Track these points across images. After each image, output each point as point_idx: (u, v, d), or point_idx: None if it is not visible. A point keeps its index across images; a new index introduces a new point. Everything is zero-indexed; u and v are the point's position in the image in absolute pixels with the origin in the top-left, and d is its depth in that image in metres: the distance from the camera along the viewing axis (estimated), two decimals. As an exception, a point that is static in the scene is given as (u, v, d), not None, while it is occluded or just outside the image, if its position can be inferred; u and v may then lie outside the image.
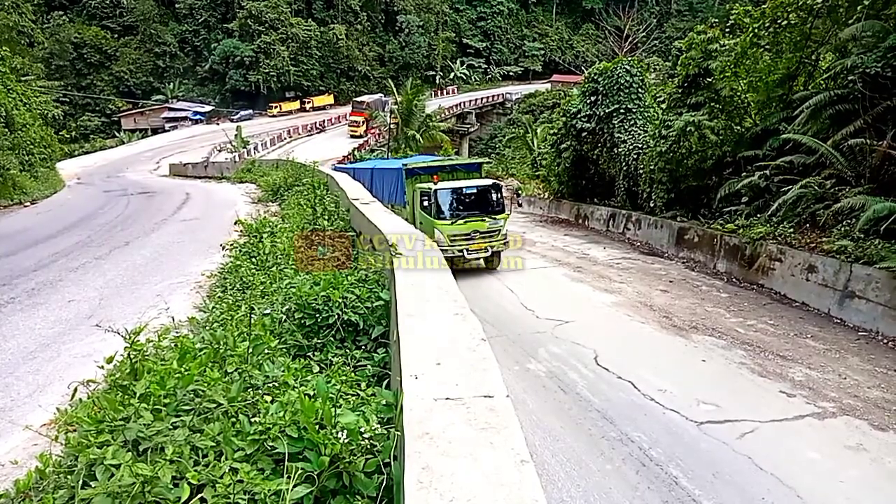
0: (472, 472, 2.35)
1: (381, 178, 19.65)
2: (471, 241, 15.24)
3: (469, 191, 15.81)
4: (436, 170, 16.86)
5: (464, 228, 15.17)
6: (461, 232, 15.12)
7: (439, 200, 15.26)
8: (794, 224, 13.74)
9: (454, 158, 19.10)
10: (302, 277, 7.14)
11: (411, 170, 16.92)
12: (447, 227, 15.07)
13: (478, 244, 15.36)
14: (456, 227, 15.11)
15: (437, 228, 14.99)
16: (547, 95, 66.32)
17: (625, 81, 21.55)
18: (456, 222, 15.14)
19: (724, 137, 16.86)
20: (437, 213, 15.20)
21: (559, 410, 8.46)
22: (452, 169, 17.33)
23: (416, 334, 3.98)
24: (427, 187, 15.60)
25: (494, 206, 15.88)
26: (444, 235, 14.97)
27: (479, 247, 15.37)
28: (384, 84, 75.54)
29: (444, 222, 15.14)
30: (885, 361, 9.74)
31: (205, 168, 49.10)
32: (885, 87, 12.87)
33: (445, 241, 14.82)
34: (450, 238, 15.01)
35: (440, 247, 12.91)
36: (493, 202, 15.92)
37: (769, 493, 6.35)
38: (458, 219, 15.19)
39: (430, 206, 15.22)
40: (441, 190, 15.37)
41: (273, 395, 3.88)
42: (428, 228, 15.00)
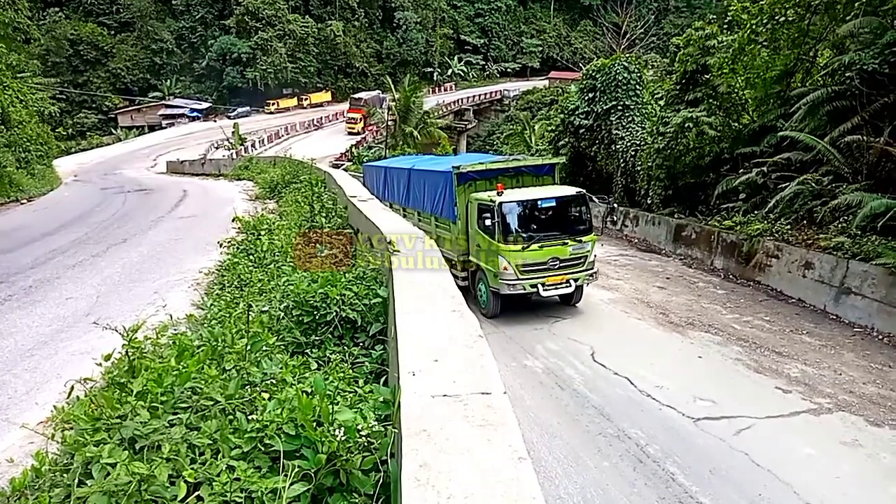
0: (469, 469, 2.35)
1: (423, 183, 14.68)
2: (548, 272, 11.67)
3: (546, 204, 11.97)
4: (496, 174, 12.99)
5: (539, 255, 11.54)
6: (535, 260, 11.54)
7: (506, 217, 11.52)
8: (791, 221, 13.76)
9: (519, 159, 14.19)
10: (300, 275, 7.12)
11: (465, 174, 12.73)
12: (516, 254, 11.39)
13: (557, 276, 11.74)
14: (529, 253, 11.46)
15: (502, 255, 11.43)
16: (545, 92, 66.18)
17: (622, 78, 21.52)
18: (528, 247, 11.47)
19: (721, 134, 16.87)
20: (503, 235, 11.47)
21: (556, 407, 8.48)
22: (517, 172, 13.29)
23: (414, 331, 3.98)
24: (488, 199, 11.78)
25: (579, 223, 12.23)
26: (513, 265, 11.41)
27: (558, 280, 11.73)
28: (382, 81, 75.37)
29: (512, 247, 11.41)
30: (881, 357, 9.77)
31: (202, 165, 48.99)
32: (883, 84, 12.89)
33: (514, 273, 11.43)
34: (520, 269, 11.46)
35: (504, 280, 11.42)
36: (577, 219, 12.29)
37: (766, 489, 6.38)
38: (532, 242, 11.52)
39: (494, 226, 11.47)
40: (508, 203, 11.58)
41: (271, 393, 3.87)
42: (488, 255, 11.83)
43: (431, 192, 14.05)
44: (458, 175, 12.69)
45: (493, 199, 11.61)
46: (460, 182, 12.76)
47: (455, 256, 12.94)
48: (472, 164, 13.00)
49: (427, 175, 14.56)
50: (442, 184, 13.34)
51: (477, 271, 12.50)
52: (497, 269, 11.51)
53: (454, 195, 12.76)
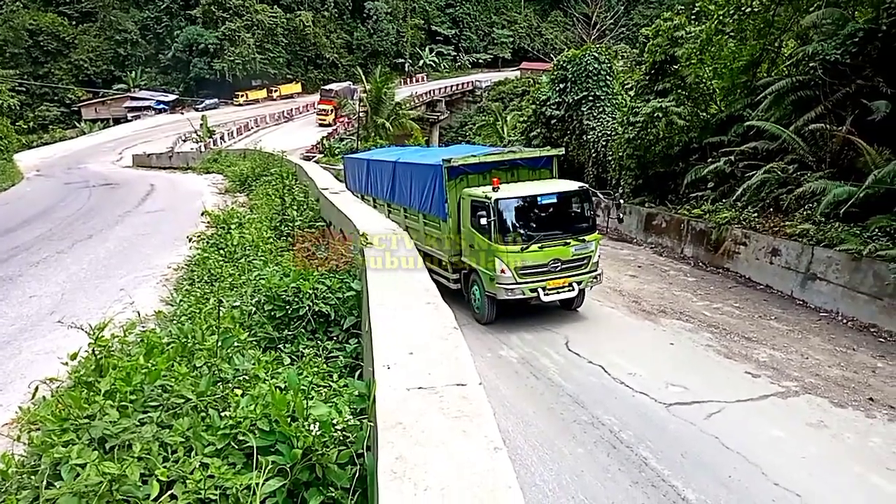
0: (445, 460, 2.35)
1: (409, 177, 13.46)
2: (549, 274, 10.77)
3: (546, 200, 11.05)
4: (490, 167, 11.85)
5: (539, 257, 10.66)
6: (535, 263, 10.65)
7: (503, 215, 10.62)
8: (758, 209, 14.03)
9: (515, 151, 12.93)
10: (271, 269, 7.05)
11: (456, 168, 11.59)
12: (515, 256, 10.54)
13: (559, 280, 10.85)
14: (528, 254, 10.59)
15: (498, 257, 10.54)
16: (516, 83, 66.26)
17: (593, 69, 21.68)
18: (528, 248, 10.59)
19: (690, 124, 17.11)
20: (500, 235, 10.59)
21: (531, 396, 8.55)
22: (513, 165, 12.16)
23: (389, 324, 3.97)
24: (483, 195, 10.85)
25: (582, 221, 11.39)
26: (511, 268, 10.53)
27: (560, 284, 10.85)
28: (352, 72, 74.57)
29: (509, 248, 10.54)
30: (845, 341, 10.05)
31: (169, 158, 48.01)
32: (844, 74, 13.18)
33: (512, 277, 10.55)
34: (518, 271, 10.58)
35: (501, 284, 10.57)
36: (579, 216, 11.45)
37: (735, 470, 6.52)
38: (531, 242, 10.65)
39: (489, 224, 10.57)
40: (505, 200, 10.66)
41: (243, 389, 3.83)
42: (483, 257, 10.98)
43: (419, 186, 12.87)
44: (449, 169, 11.57)
45: (489, 196, 10.63)
46: (451, 176, 11.66)
47: (446, 257, 12.13)
48: (463, 156, 11.85)
49: (414, 168, 13.37)
50: (431, 178, 12.20)
51: (470, 273, 11.61)
52: (493, 272, 10.62)
53: (444, 190, 11.68)
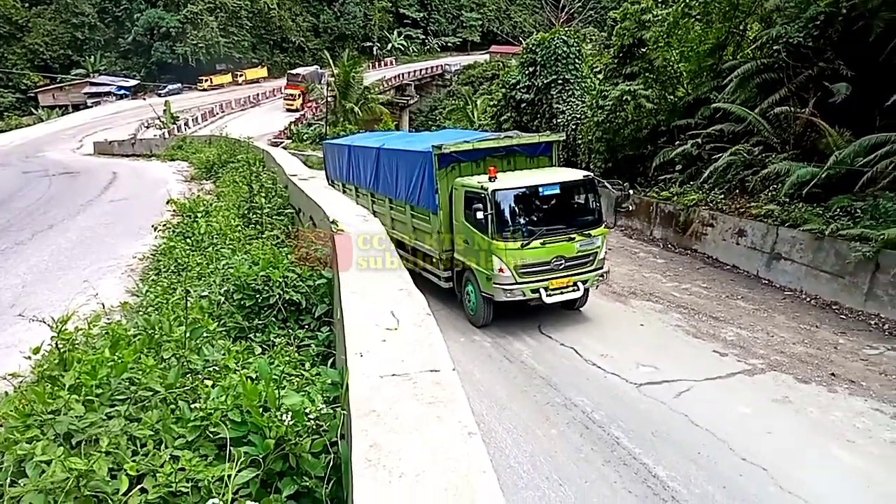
0: (420, 447, 2.34)
1: (395, 164, 12.37)
2: (552, 273, 9.89)
3: (549, 191, 10.08)
4: (484, 154, 10.92)
5: (541, 254, 9.76)
6: (537, 260, 9.75)
7: (501, 208, 9.71)
8: (724, 190, 14.27)
9: (512, 136, 11.72)
10: (240, 257, 6.93)
11: (447, 155, 10.62)
12: (514, 253, 9.61)
13: (562, 279, 9.96)
14: (529, 252, 9.67)
15: (496, 255, 9.63)
16: (486, 67, 66.04)
17: (562, 52, 21.67)
18: (528, 244, 9.66)
19: (658, 107, 17.25)
20: (498, 230, 9.65)
21: (505, 379, 8.61)
22: (509, 152, 11.22)
23: (361, 311, 3.94)
24: (478, 186, 9.87)
25: (587, 214, 10.43)
26: (510, 266, 9.61)
27: (563, 283, 9.96)
28: (320, 56, 73.47)
29: (508, 245, 9.61)
30: (809, 318, 10.33)
31: (132, 146, 46.86)
32: (807, 57, 13.42)
33: (511, 276, 9.65)
34: (518, 270, 9.67)
35: (500, 284, 9.68)
36: (584, 208, 10.49)
37: (704, 446, 6.68)
38: (532, 238, 9.70)
39: (486, 218, 9.63)
40: (503, 191, 9.72)
41: (214, 380, 3.76)
42: (479, 254, 10.05)
43: (406, 175, 11.79)
44: (440, 156, 10.55)
45: (485, 186, 9.69)
46: (442, 164, 10.66)
47: (436, 253, 11.14)
48: (455, 142, 10.80)
49: (401, 156, 12.20)
50: (419, 166, 11.12)
51: (464, 272, 10.67)
52: (490, 271, 9.73)
53: (434, 180, 10.64)
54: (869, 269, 10.31)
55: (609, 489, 6.07)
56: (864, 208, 10.91)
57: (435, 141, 11.31)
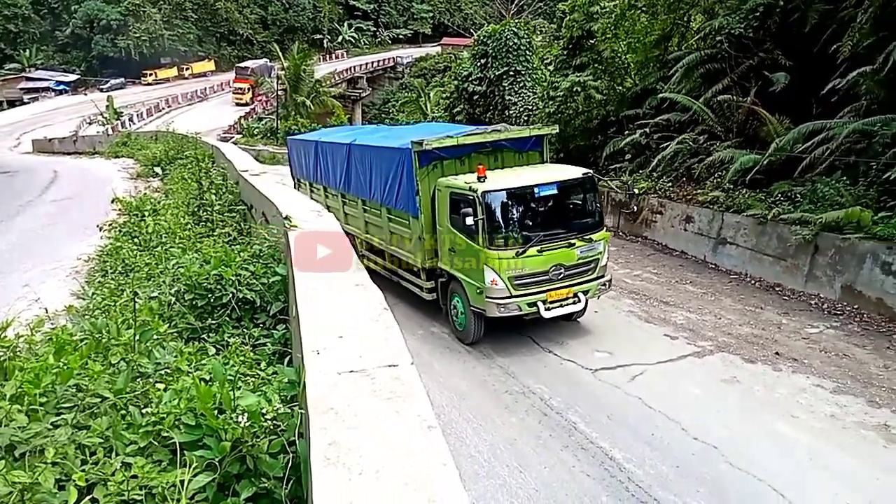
0: (379, 442, 2.34)
1: (368, 162, 11.11)
2: (550, 284, 8.84)
3: (545, 191, 9.00)
4: (470, 150, 9.82)
5: (538, 263, 8.70)
6: (534, 270, 8.70)
7: (493, 212, 8.67)
8: (672, 178, 14.64)
9: (500, 129, 10.17)
10: (190, 256, 6.76)
11: (428, 152, 9.43)
12: (509, 263, 8.58)
13: (562, 290, 8.92)
14: (525, 260, 8.61)
15: (488, 265, 8.55)
16: (438, 59, 65.98)
17: (513, 44, 21.83)
18: (524, 252, 8.59)
19: (607, 97, 17.57)
20: (490, 237, 8.58)
21: (464, 370, 8.67)
22: (496, 147, 10.06)
23: (317, 308, 3.90)
24: (466, 187, 8.76)
25: (587, 216, 9.51)
26: (504, 277, 8.57)
27: (563, 295, 8.93)
28: (269, 49, 71.97)
29: (502, 253, 8.56)
30: (753, 300, 10.72)
31: (74, 143, 45.06)
32: (748, 47, 13.87)
33: (505, 289, 8.60)
34: (513, 282, 8.63)
35: (493, 298, 8.60)
36: (584, 210, 9.58)
37: (657, 428, 6.88)
38: (529, 245, 8.63)
39: (476, 224, 8.52)
40: (495, 192, 8.64)
41: (166, 383, 3.66)
42: (467, 264, 8.97)
43: (382, 175, 10.61)
44: (420, 153, 9.39)
45: (474, 188, 8.58)
46: (423, 162, 9.51)
47: (417, 262, 10.03)
48: (437, 138, 9.55)
49: (375, 153, 11.01)
50: (397, 164, 9.99)
51: (449, 282, 9.61)
52: (481, 284, 8.64)
53: (415, 180, 9.49)
54: (808, 251, 10.76)
55: (568, 473, 6.19)
56: (804, 193, 11.38)
57: (413, 136, 10.07)
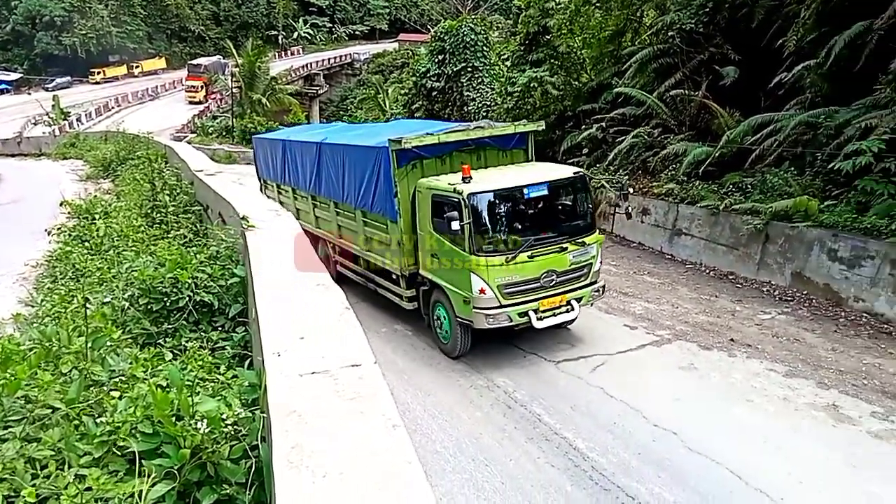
0: (343, 444, 2.32)
1: (341, 163, 10.45)
2: (542, 291, 8.30)
3: (535, 192, 8.40)
4: (451, 148, 9.23)
5: (530, 270, 8.14)
6: (525, 278, 8.15)
7: (480, 216, 8.11)
8: (628, 171, 14.91)
9: (483, 126, 9.49)
10: (144, 259, 6.56)
11: (407, 151, 8.78)
12: (498, 270, 8.00)
13: (554, 297, 8.39)
14: (515, 267, 8.04)
15: (476, 273, 8.00)
16: (395, 55, 65.71)
17: (470, 40, 21.88)
18: (514, 258, 8.02)
19: (564, 92, 17.79)
20: (478, 242, 8.00)
21: (428, 366, 8.68)
22: (479, 145, 9.48)
23: (277, 309, 3.84)
24: (450, 189, 8.17)
25: (579, 218, 9.01)
26: (493, 286, 8.01)
27: (556, 303, 8.40)
28: (222, 45, 70.32)
29: (490, 260, 7.99)
30: (708, 289, 11.02)
31: (18, 144, 43.35)
32: (699, 42, 14.22)
33: (494, 298, 8.04)
34: (503, 291, 8.07)
35: (481, 309, 8.04)
36: (576, 212, 9.07)
37: (619, 417, 7.02)
38: (518, 250, 8.06)
39: (462, 229, 7.89)
40: (482, 194, 8.08)
41: (121, 391, 3.55)
42: (453, 272, 8.41)
43: (356, 176, 9.96)
44: (398, 152, 8.75)
45: (459, 189, 7.98)
46: (401, 162, 8.89)
47: (396, 269, 9.39)
48: (417, 135, 8.90)
49: (348, 152, 10.32)
50: (372, 165, 9.35)
51: (432, 290, 9.05)
52: (468, 293, 8.08)
53: (393, 181, 8.85)
54: (760, 240, 11.11)
55: (533, 465, 6.26)
56: (754, 184, 11.73)
57: (389, 134, 9.47)
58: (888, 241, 9.19)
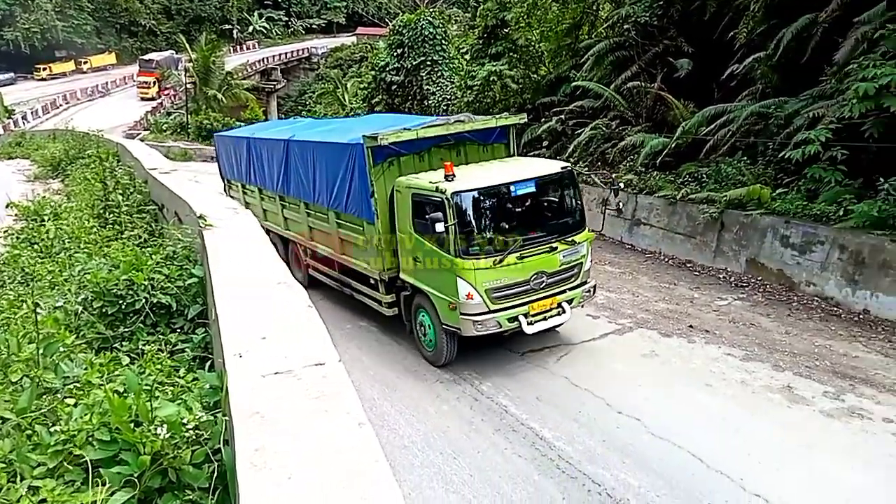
0: (308, 444, 2.29)
1: (311, 161, 9.97)
2: (532, 294, 7.90)
3: (522, 189, 7.97)
4: (429, 144, 8.82)
5: (518, 272, 7.73)
6: (514, 280, 7.73)
7: (465, 216, 7.67)
8: (588, 163, 15.11)
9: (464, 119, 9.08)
10: (98, 261, 6.36)
11: (383, 148, 8.27)
12: (485, 274, 7.55)
13: (545, 300, 8.02)
14: (504, 270, 7.62)
15: (462, 277, 7.52)
16: (354, 49, 64.95)
17: (428, 33, 21.82)
18: (503, 260, 7.58)
19: (523, 86, 17.90)
20: (463, 244, 7.56)
21: (394, 362, 8.66)
22: (458, 140, 9.09)
23: (237, 309, 3.77)
24: (432, 187, 7.69)
25: (568, 215, 8.60)
26: (481, 291, 7.55)
27: (547, 305, 8.03)
28: (174, 40, 68.37)
29: (477, 263, 7.54)
30: (667, 277, 11.26)
31: (-42, 144, 41.52)
32: (653, 35, 14.48)
33: (482, 303, 7.60)
34: (491, 295, 7.62)
35: (468, 315, 7.58)
36: (564, 208, 8.69)
37: (584, 405, 7.12)
38: (506, 252, 7.62)
39: (447, 230, 7.43)
40: (467, 192, 7.65)
41: (76, 398, 3.44)
42: (436, 276, 7.91)
43: (328, 174, 9.46)
44: (374, 149, 8.27)
45: (442, 188, 7.51)
46: (377, 159, 8.43)
47: (375, 273, 8.90)
48: (393, 131, 8.33)
49: (319, 149, 9.83)
50: (347, 163, 8.87)
51: (413, 296, 8.53)
52: (455, 298, 7.59)
53: (369, 180, 8.35)
54: (715, 228, 11.39)
55: (501, 456, 6.31)
56: (709, 173, 12.02)
57: (361, 129, 9.00)
58: (836, 227, 9.53)
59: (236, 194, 13.61)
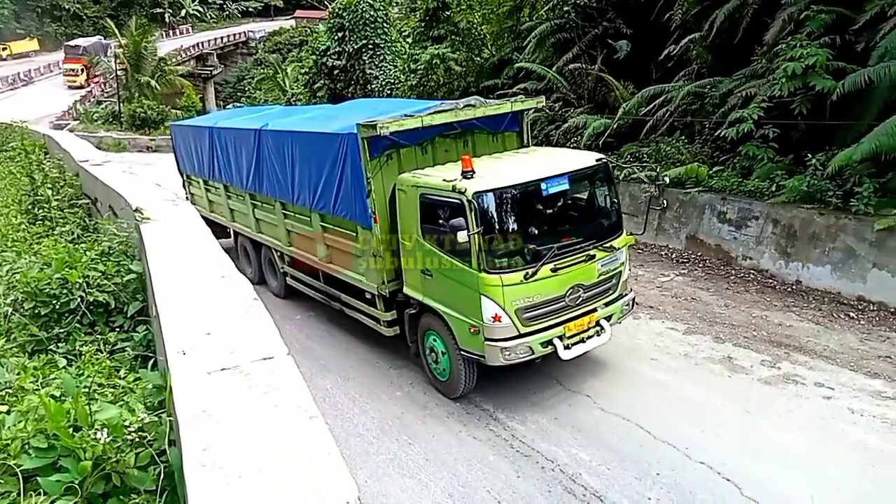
0: (258, 441, 2.24)
1: (288, 154, 8.70)
2: (567, 312, 6.69)
3: (554, 187, 6.63)
4: (433, 133, 7.55)
5: (554, 287, 6.48)
6: (549, 297, 6.48)
7: (492, 221, 6.35)
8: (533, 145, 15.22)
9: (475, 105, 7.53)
10: (28, 260, 6.04)
11: (382, 138, 6.97)
12: (515, 290, 6.27)
13: (583, 318, 6.82)
14: (536, 285, 6.35)
15: (487, 295, 6.25)
16: (293, 33, 63.48)
17: (369, 16, 21.51)
18: (535, 273, 6.29)
19: (466, 69, 17.88)
20: (489, 255, 6.24)
21: (346, 351, 8.60)
22: (466, 128, 7.85)
23: (179, 305, 3.64)
24: (446, 187, 6.41)
25: (604, 216, 7.43)
26: (511, 311, 6.29)
27: (585, 325, 6.84)
28: (102, 25, 65.18)
29: (506, 278, 6.25)
30: (613, 256, 11.50)
31: None
32: (593, 17, 14.66)
33: (512, 325, 6.33)
34: (521, 315, 6.36)
35: (494, 340, 6.32)
36: (600, 209, 7.46)
37: (536, 385, 7.24)
38: (540, 263, 6.32)
39: (471, 239, 6.10)
40: (490, 192, 6.30)
41: (9, 405, 3.27)
42: (456, 294, 6.58)
43: (311, 170, 8.19)
44: (371, 140, 6.97)
45: (461, 188, 6.20)
46: (374, 152, 7.11)
47: (373, 287, 7.74)
48: (394, 118, 6.99)
49: (300, 140, 8.52)
50: (334, 156, 7.63)
51: (420, 314, 7.28)
52: (478, 321, 6.35)
53: (364, 177, 7.10)
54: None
55: (455, 439, 6.37)
56: (649, 153, 12.32)
57: (347, 116, 7.86)
58: (769, 202, 9.94)
59: (197, 191, 12.61)
